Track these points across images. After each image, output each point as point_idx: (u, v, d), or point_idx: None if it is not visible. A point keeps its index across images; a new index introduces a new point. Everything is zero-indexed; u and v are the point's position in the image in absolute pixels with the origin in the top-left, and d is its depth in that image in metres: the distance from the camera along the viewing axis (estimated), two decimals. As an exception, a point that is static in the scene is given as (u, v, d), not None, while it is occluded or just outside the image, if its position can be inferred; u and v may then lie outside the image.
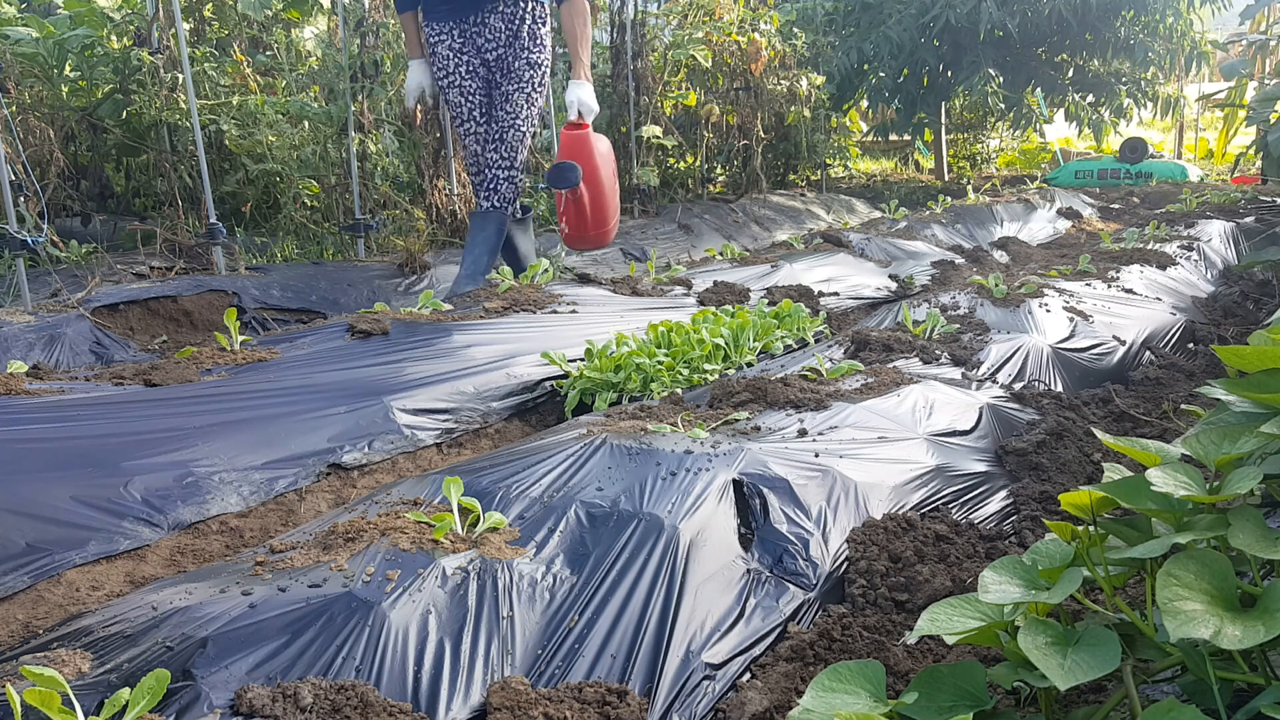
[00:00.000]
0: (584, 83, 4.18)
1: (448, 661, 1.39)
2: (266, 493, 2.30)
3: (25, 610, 1.78)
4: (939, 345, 3.10)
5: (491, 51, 4.31)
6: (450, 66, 4.34)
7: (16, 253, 3.70)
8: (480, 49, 4.32)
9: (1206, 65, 10.44)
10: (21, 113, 4.62)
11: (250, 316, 4.06)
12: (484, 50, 4.32)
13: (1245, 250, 5.78)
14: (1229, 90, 7.41)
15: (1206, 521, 1.11)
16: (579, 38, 4.18)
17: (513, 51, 4.30)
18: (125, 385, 2.57)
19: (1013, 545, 1.94)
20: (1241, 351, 1.26)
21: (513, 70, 4.32)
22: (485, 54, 4.33)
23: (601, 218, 4.14)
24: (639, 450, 1.97)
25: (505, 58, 4.31)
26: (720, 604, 1.62)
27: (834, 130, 9.86)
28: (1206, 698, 1.03)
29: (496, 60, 4.33)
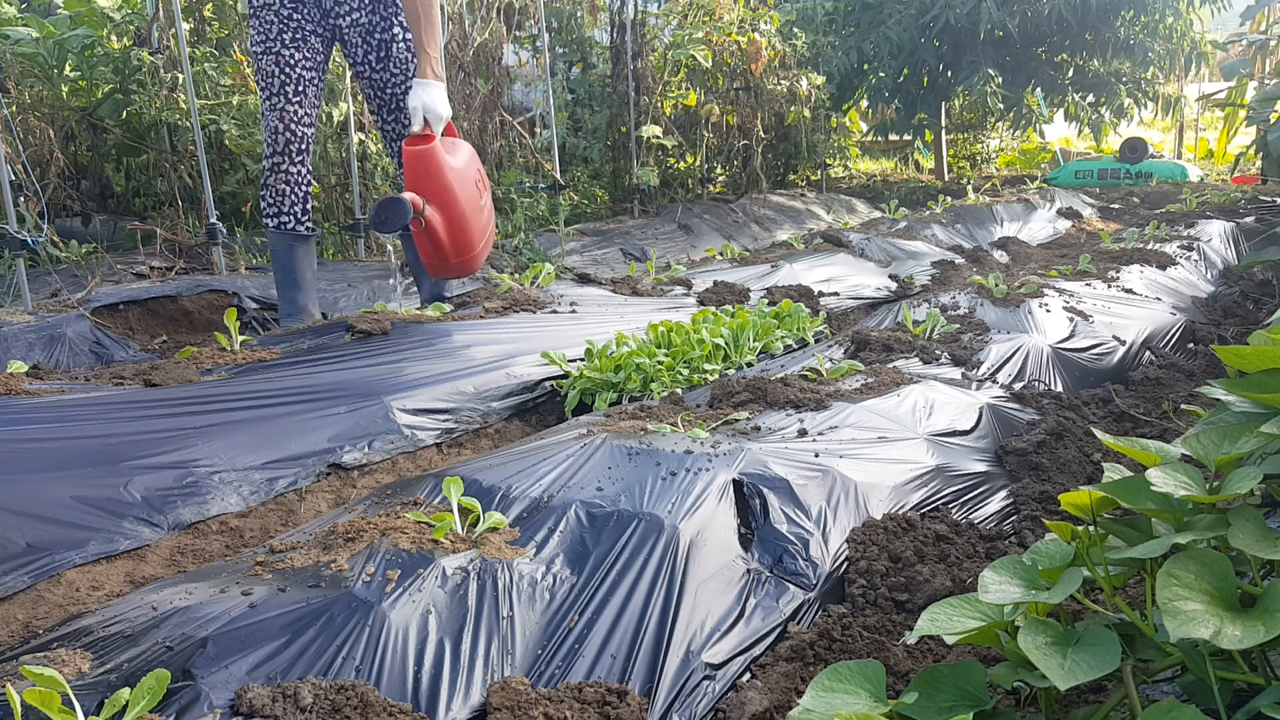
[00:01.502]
0: (431, 82, 3.40)
1: (448, 661, 1.39)
2: (266, 493, 2.30)
3: (25, 610, 1.78)
4: (939, 345, 3.10)
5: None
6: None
7: (16, 253, 3.70)
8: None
9: (1206, 65, 10.44)
10: (21, 113, 4.63)
11: (250, 316, 4.06)
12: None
13: (1245, 250, 5.78)
14: (1229, 90, 7.41)
15: (1206, 521, 1.11)
16: (423, 23, 3.42)
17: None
18: (125, 385, 2.57)
19: (1013, 545, 1.94)
20: (1241, 351, 1.26)
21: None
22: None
23: (464, 243, 3.43)
24: (639, 450, 1.97)
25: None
26: (720, 604, 1.61)
27: (834, 130, 9.86)
28: (1206, 698, 1.03)
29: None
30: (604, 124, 7.22)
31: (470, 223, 3.41)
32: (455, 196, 3.33)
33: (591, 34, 7.58)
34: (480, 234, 3.51)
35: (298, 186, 3.62)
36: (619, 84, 6.94)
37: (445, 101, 3.42)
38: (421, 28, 3.40)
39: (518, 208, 5.80)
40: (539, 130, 6.53)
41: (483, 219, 3.53)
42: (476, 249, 3.49)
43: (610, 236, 6.29)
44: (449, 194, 3.31)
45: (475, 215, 3.44)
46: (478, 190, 3.49)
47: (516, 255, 5.29)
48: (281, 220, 3.62)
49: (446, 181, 3.30)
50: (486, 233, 3.59)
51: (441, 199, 3.29)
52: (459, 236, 3.37)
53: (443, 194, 3.29)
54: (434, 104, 3.36)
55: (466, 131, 5.54)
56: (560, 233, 5.65)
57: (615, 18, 6.87)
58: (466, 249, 3.44)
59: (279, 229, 3.63)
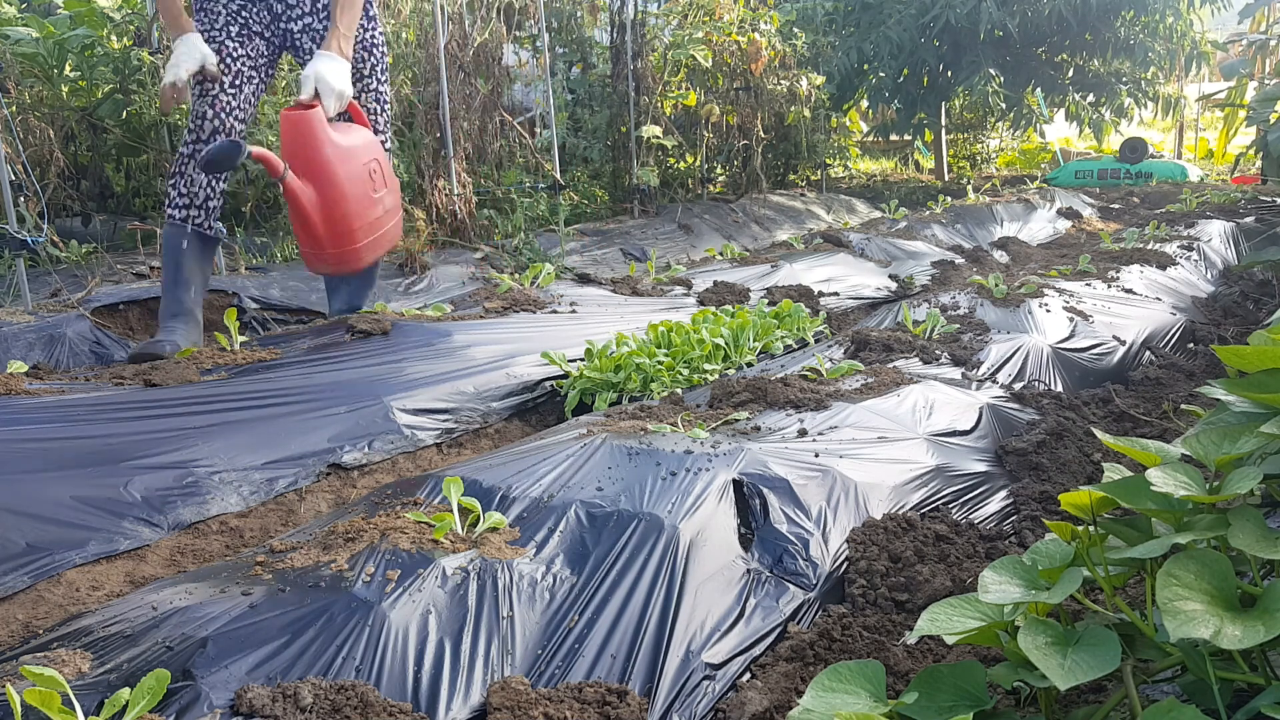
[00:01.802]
0: (332, 54, 3.14)
1: (448, 661, 1.39)
2: (266, 493, 2.30)
3: (25, 610, 1.78)
4: (939, 345, 3.10)
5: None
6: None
7: (16, 253, 3.70)
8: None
9: (1206, 65, 10.44)
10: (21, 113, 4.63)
11: (250, 316, 4.06)
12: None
13: (1245, 250, 5.78)
14: (1229, 90, 7.41)
15: (1206, 521, 1.11)
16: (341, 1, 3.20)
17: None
18: (125, 385, 2.57)
19: (1013, 545, 1.94)
20: (1241, 351, 1.26)
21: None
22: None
23: (340, 231, 3.12)
24: (639, 450, 1.97)
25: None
26: (720, 604, 1.61)
27: (834, 130, 9.86)
28: (1206, 698, 1.03)
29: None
30: (604, 124, 7.22)
31: (350, 209, 3.11)
32: (332, 174, 3.05)
33: (591, 34, 7.58)
34: (365, 228, 3.20)
35: (218, 181, 3.36)
36: (619, 84, 6.94)
37: (344, 78, 3.13)
38: (338, 4, 3.20)
39: (518, 208, 5.80)
40: (539, 130, 6.53)
41: (372, 213, 3.22)
42: (358, 243, 3.20)
43: (610, 236, 6.29)
44: (324, 169, 3.03)
45: (360, 205, 3.15)
46: (370, 180, 3.20)
47: (516, 255, 5.29)
48: (190, 214, 3.32)
49: (323, 154, 3.03)
50: (377, 231, 3.28)
51: (314, 171, 3.02)
52: (334, 221, 3.09)
53: (317, 166, 3.02)
54: (328, 75, 3.08)
55: (466, 131, 5.54)
56: (560, 233, 5.65)
57: (615, 18, 6.87)
58: (345, 239, 3.15)
59: (183, 223, 3.32)
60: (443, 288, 4.73)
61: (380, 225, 3.30)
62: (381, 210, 3.28)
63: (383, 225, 3.32)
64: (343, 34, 3.18)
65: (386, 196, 3.31)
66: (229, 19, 3.32)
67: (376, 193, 3.23)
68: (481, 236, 5.59)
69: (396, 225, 3.47)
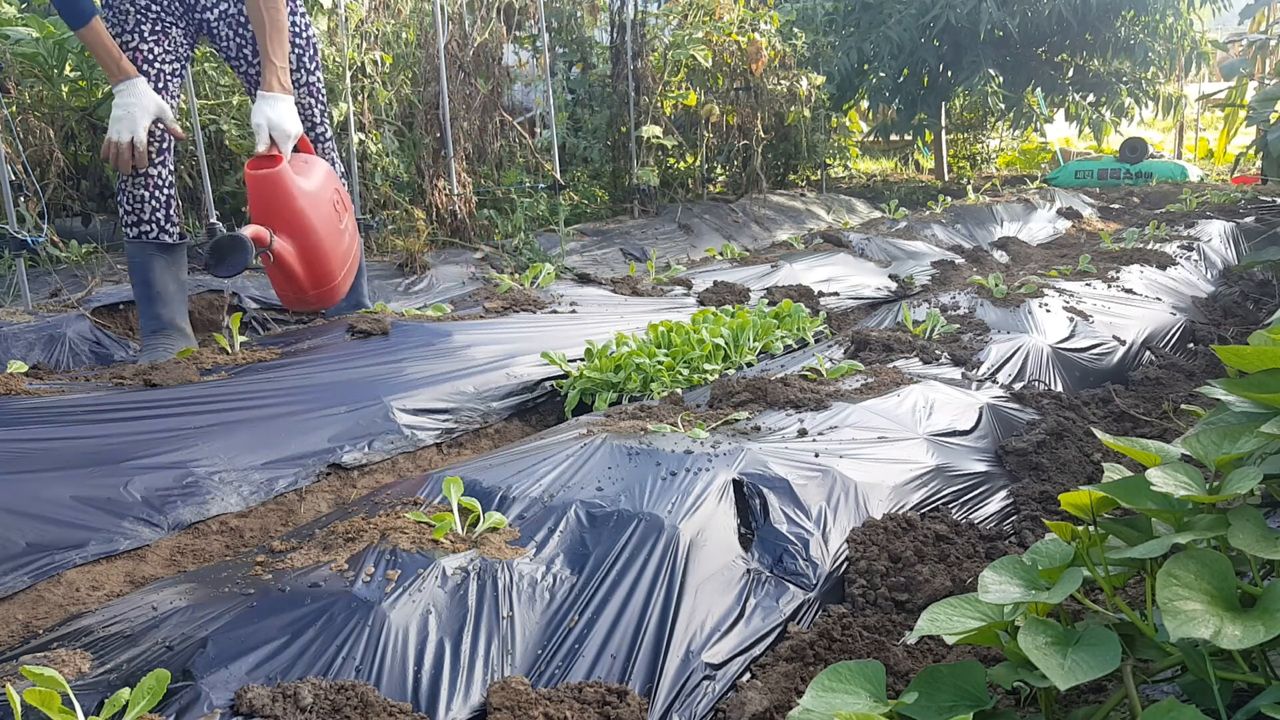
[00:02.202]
0: (276, 95, 3.01)
1: (448, 661, 1.39)
2: (266, 493, 2.30)
3: (25, 610, 1.78)
4: (939, 345, 3.10)
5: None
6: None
7: (16, 253, 3.70)
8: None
9: (1206, 65, 10.44)
10: (21, 113, 4.63)
11: (250, 316, 4.06)
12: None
13: (1245, 250, 5.78)
14: (1229, 90, 7.41)
15: (1206, 521, 1.11)
16: (268, 28, 3.03)
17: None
18: (125, 385, 2.57)
19: (1013, 545, 1.94)
20: (1241, 351, 1.26)
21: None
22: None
23: (322, 274, 3.06)
24: (639, 450, 1.97)
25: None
26: (720, 604, 1.62)
27: (834, 130, 9.86)
28: (1206, 698, 1.03)
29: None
30: (604, 124, 7.22)
31: (328, 251, 3.06)
32: (308, 223, 2.98)
33: (591, 34, 7.59)
34: (341, 261, 3.17)
35: (158, 190, 3.21)
36: (619, 84, 6.95)
37: (294, 117, 3.04)
38: (266, 33, 3.03)
39: (518, 208, 5.80)
40: (539, 130, 6.53)
41: (343, 245, 3.18)
42: (337, 279, 3.16)
43: (610, 236, 6.30)
44: (301, 221, 2.97)
45: (334, 242, 3.10)
46: (336, 213, 3.14)
47: (516, 255, 5.29)
48: (143, 230, 3.22)
49: (297, 207, 2.96)
50: (349, 259, 3.25)
51: (293, 227, 2.95)
52: (316, 266, 3.04)
53: (294, 221, 2.96)
54: (280, 120, 2.98)
55: (466, 131, 5.54)
56: (560, 233, 5.65)
57: (615, 18, 6.87)
58: (325, 279, 3.10)
59: (140, 239, 3.23)
60: (443, 288, 4.73)
61: (350, 251, 3.26)
62: (348, 237, 3.25)
63: (352, 250, 3.29)
64: (280, 68, 3.06)
65: (349, 222, 3.28)
66: (139, 17, 3.15)
67: (342, 223, 3.19)
68: (481, 236, 5.60)
69: (357, 243, 3.42)
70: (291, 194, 2.95)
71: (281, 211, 2.94)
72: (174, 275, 3.33)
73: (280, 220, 2.94)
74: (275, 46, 3.05)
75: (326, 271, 3.09)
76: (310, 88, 3.41)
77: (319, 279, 3.08)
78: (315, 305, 3.24)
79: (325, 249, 3.05)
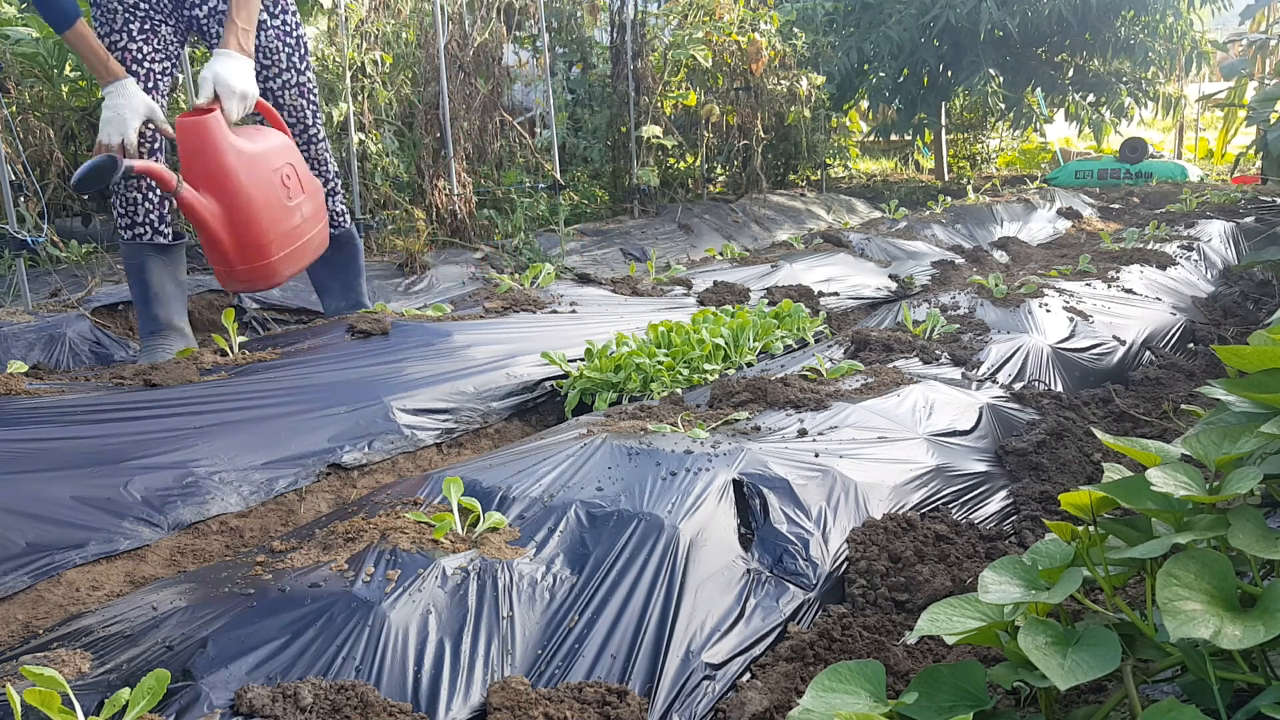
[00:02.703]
0: (231, 52, 2.89)
1: (448, 661, 1.39)
2: (266, 493, 2.30)
3: (25, 610, 1.78)
4: (939, 345, 3.10)
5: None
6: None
7: (16, 253, 3.70)
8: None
9: (1206, 65, 10.44)
10: (21, 113, 4.63)
11: (250, 316, 4.06)
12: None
13: (1245, 250, 5.78)
14: (1229, 90, 7.41)
15: (1206, 521, 1.11)
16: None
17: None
18: (125, 385, 2.57)
19: (1013, 545, 1.94)
20: (1241, 351, 1.26)
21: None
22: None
23: (251, 245, 2.85)
24: (639, 450, 1.97)
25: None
26: (720, 604, 1.62)
27: (834, 130, 9.86)
28: (1206, 698, 1.03)
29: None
30: (604, 124, 7.22)
31: (261, 222, 2.84)
32: (237, 183, 2.76)
33: (591, 34, 7.59)
34: (281, 240, 2.93)
35: (151, 192, 3.17)
36: (619, 84, 6.95)
37: (246, 78, 2.88)
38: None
39: (518, 208, 5.80)
40: (539, 130, 6.53)
41: (286, 223, 2.94)
42: (270, 256, 2.92)
43: (610, 236, 6.30)
44: (227, 178, 2.74)
45: (271, 215, 2.88)
46: (282, 187, 2.92)
47: (516, 255, 5.30)
48: (137, 232, 3.18)
49: (224, 163, 2.73)
50: (295, 241, 3.00)
51: (216, 182, 2.73)
52: (243, 235, 2.82)
53: (219, 176, 2.73)
54: (228, 75, 2.82)
55: (466, 131, 5.54)
56: (560, 233, 5.65)
57: (615, 18, 6.88)
58: (255, 254, 2.88)
59: (135, 241, 3.19)
60: (443, 288, 4.73)
61: (299, 235, 3.03)
62: (299, 219, 3.02)
63: (302, 235, 3.05)
64: (241, 29, 2.92)
65: (305, 203, 3.06)
66: (128, 15, 3.09)
67: (291, 200, 2.98)
68: (481, 236, 5.60)
69: (320, 233, 3.23)
70: (218, 146, 2.73)
71: (207, 164, 2.74)
72: (171, 275, 3.30)
73: (202, 173, 2.74)
74: (241, 9, 2.92)
75: (257, 245, 2.86)
76: (301, 87, 3.35)
77: (247, 252, 2.86)
78: (244, 282, 3.01)
79: (257, 219, 2.83)
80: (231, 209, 2.78)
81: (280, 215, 2.92)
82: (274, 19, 3.23)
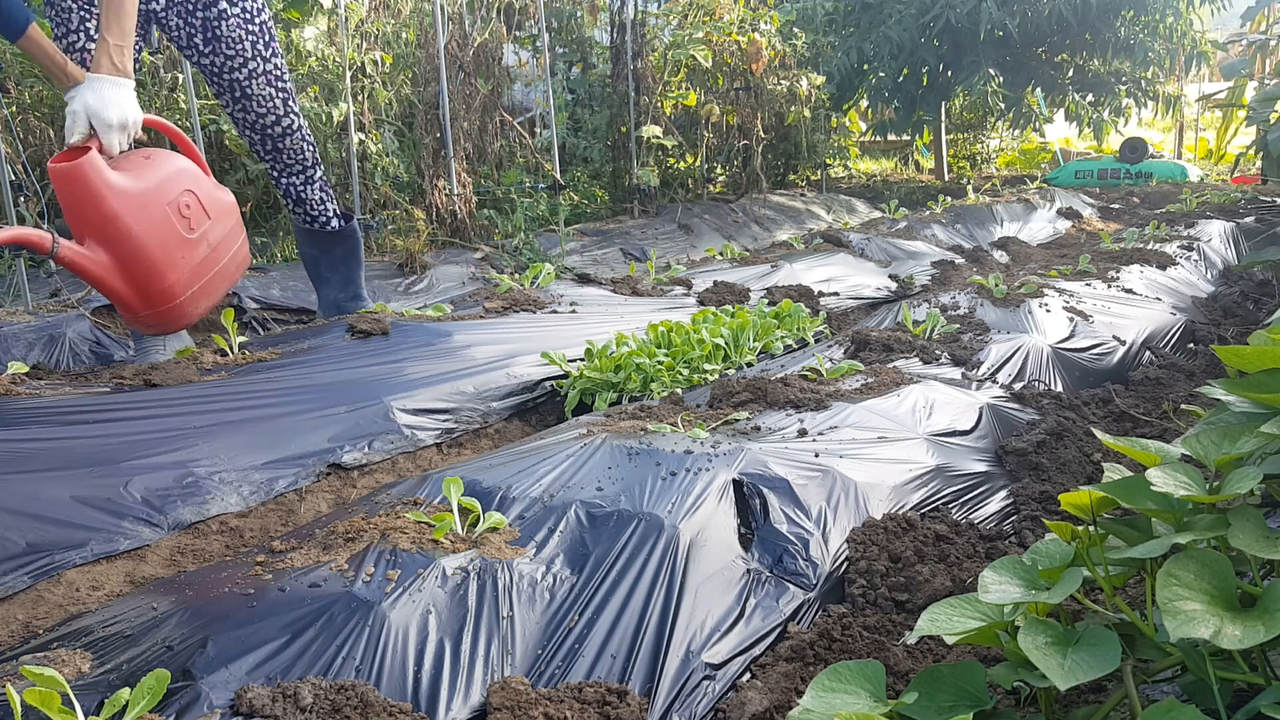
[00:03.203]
0: (102, 78, 2.50)
1: (448, 661, 1.39)
2: (266, 493, 2.30)
3: (25, 610, 1.78)
4: (939, 345, 3.10)
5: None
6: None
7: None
8: None
9: (1206, 65, 10.44)
10: (21, 113, 4.62)
11: (250, 317, 4.06)
12: None
13: (1245, 250, 5.78)
14: (1229, 90, 7.41)
15: (1206, 521, 1.11)
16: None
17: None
18: (125, 385, 2.57)
19: (1013, 545, 1.94)
20: (1241, 351, 1.26)
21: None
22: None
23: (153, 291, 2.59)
24: (639, 450, 1.97)
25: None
26: (720, 604, 1.62)
27: (834, 130, 9.86)
28: (1206, 698, 1.03)
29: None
30: (604, 124, 7.22)
31: (157, 263, 2.57)
32: (123, 230, 2.49)
33: (591, 34, 7.59)
34: (184, 279, 2.67)
35: None
36: (619, 84, 6.94)
37: (124, 104, 2.53)
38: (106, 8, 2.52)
39: (518, 208, 5.80)
40: (539, 130, 6.53)
41: (189, 259, 2.67)
42: (178, 297, 2.66)
43: (610, 236, 6.30)
44: (110, 225, 2.48)
45: (167, 256, 2.60)
46: (180, 218, 2.65)
47: (516, 255, 5.30)
48: None
49: (105, 210, 2.46)
50: (204, 274, 2.75)
51: (100, 232, 2.48)
52: (142, 283, 2.57)
53: (100, 224, 2.47)
54: (101, 107, 2.47)
55: (466, 131, 5.54)
56: (560, 233, 5.65)
57: (615, 18, 6.87)
58: (158, 298, 2.62)
59: None
60: (443, 288, 4.73)
61: (208, 267, 2.78)
62: (206, 249, 2.75)
63: (212, 265, 2.80)
64: (113, 45, 2.53)
65: (211, 229, 2.78)
66: (83, 14, 2.89)
67: (194, 231, 2.70)
68: (481, 236, 5.60)
69: (239, 254, 2.95)
70: (95, 193, 2.46)
71: (84, 212, 2.48)
72: None
73: (86, 224, 2.49)
74: (112, 23, 2.53)
75: (158, 289, 2.61)
76: (269, 76, 3.16)
77: (150, 297, 2.61)
78: (155, 325, 2.77)
79: (153, 263, 2.57)
80: (123, 259, 2.53)
81: (181, 252, 2.66)
82: (233, 6, 3.07)
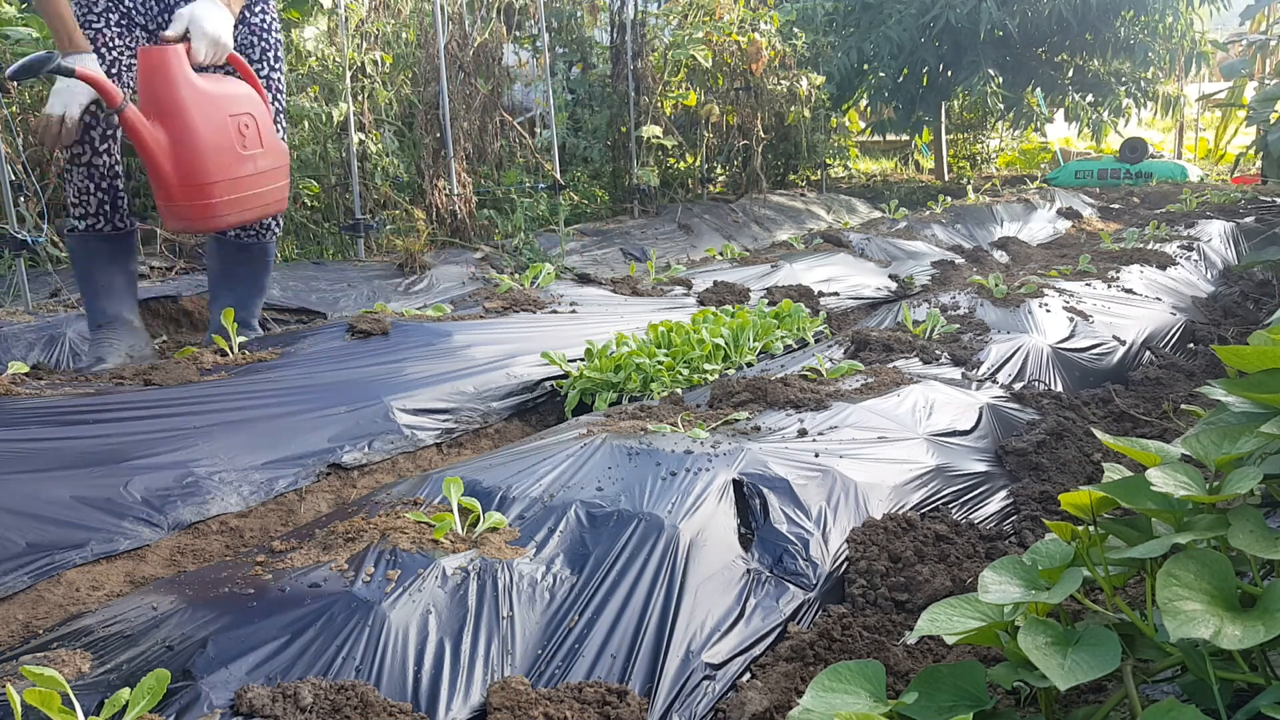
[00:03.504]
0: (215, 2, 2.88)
1: (448, 661, 1.39)
2: (266, 493, 2.30)
3: (25, 610, 1.78)
4: (939, 345, 3.10)
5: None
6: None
7: (16, 253, 3.70)
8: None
9: (1206, 65, 10.44)
10: (21, 113, 4.62)
11: (250, 316, 4.05)
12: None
13: (1245, 250, 5.78)
14: (1229, 90, 7.41)
15: (1206, 521, 1.11)
16: None
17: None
18: (125, 385, 2.57)
19: (1013, 545, 1.94)
20: (1241, 351, 1.26)
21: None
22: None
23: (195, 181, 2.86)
24: (639, 450, 1.97)
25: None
26: (720, 604, 1.61)
27: (834, 130, 9.86)
28: (1206, 698, 1.03)
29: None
30: (604, 124, 7.22)
31: (204, 160, 2.85)
32: (186, 116, 2.80)
33: (591, 34, 7.59)
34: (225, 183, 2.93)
35: (103, 180, 3.07)
36: (619, 84, 6.94)
37: (222, 26, 2.86)
38: None
39: (518, 208, 5.80)
40: (539, 130, 6.53)
41: (236, 169, 2.95)
42: (214, 196, 2.91)
43: (610, 236, 6.30)
44: (177, 109, 2.79)
45: (218, 156, 2.88)
46: (238, 134, 2.95)
47: (516, 255, 5.29)
48: (89, 223, 3.09)
49: (176, 94, 2.78)
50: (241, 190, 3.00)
51: (165, 112, 2.78)
52: (187, 170, 2.83)
53: (168, 106, 2.79)
54: (203, 17, 2.82)
55: (466, 131, 5.54)
56: (560, 233, 5.65)
57: (615, 18, 6.87)
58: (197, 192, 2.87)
59: (87, 233, 3.10)
60: (443, 288, 4.73)
61: (247, 186, 3.03)
62: (252, 170, 3.03)
63: (251, 187, 3.05)
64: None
65: (261, 158, 3.07)
66: (109, 5, 3.03)
67: (246, 150, 3.00)
68: (481, 236, 5.60)
69: (276, 193, 3.19)
70: (173, 78, 2.78)
71: (157, 92, 2.80)
72: (121, 267, 3.22)
73: (153, 102, 2.80)
74: None
75: (198, 184, 2.87)
76: (268, 80, 3.24)
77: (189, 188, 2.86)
78: (183, 215, 2.95)
79: (202, 156, 2.85)
80: (178, 143, 2.81)
81: (230, 160, 2.94)
82: (254, 14, 3.18)
